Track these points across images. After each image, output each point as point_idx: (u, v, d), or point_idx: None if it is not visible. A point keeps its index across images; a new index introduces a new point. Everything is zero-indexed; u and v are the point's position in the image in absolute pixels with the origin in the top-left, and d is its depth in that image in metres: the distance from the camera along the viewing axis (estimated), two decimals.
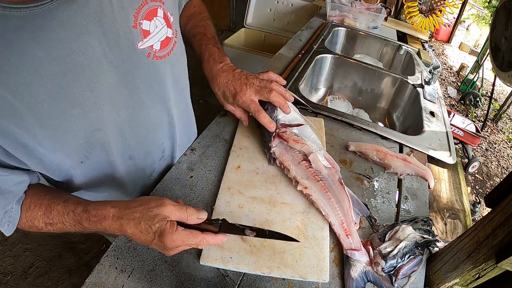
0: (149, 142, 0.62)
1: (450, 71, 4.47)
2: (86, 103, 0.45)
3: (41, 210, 0.48)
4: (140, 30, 0.48)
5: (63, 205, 0.48)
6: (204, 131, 0.78)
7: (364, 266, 0.53)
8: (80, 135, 0.48)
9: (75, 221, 0.47)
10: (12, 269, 1.50)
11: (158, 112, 0.60)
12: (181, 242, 0.44)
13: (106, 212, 0.46)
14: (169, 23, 0.54)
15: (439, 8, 1.56)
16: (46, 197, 0.49)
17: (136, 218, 0.44)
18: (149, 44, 0.50)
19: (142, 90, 0.53)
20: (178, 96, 0.65)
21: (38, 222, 0.48)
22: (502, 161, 3.06)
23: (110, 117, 0.50)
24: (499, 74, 0.66)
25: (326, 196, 0.59)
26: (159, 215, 0.43)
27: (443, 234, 0.70)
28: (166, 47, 0.54)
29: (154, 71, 0.53)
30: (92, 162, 0.53)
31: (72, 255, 1.59)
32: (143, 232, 0.44)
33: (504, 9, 0.68)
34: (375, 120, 1.24)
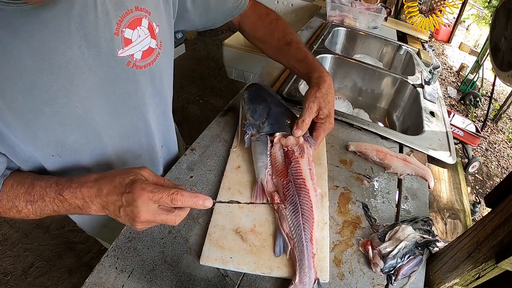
0: (125, 150, 0.61)
1: (450, 71, 4.47)
2: (58, 103, 0.46)
3: (24, 187, 0.48)
4: (121, 38, 0.48)
5: (46, 180, 0.48)
6: (204, 131, 0.78)
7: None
8: (50, 133, 0.48)
9: (56, 192, 0.47)
10: (12, 269, 1.50)
11: (134, 120, 0.59)
12: (150, 192, 0.42)
13: (88, 177, 0.47)
14: (153, 33, 0.53)
15: (439, 8, 1.56)
16: (29, 177, 0.50)
17: (113, 174, 0.45)
18: (130, 53, 0.50)
19: (119, 96, 0.53)
20: (158, 106, 0.63)
21: (19, 201, 0.48)
22: (502, 161, 3.06)
23: (84, 119, 0.50)
24: (499, 74, 0.66)
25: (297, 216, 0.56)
26: (136, 172, 0.45)
27: (443, 234, 0.70)
28: (147, 57, 0.53)
29: (132, 80, 0.53)
30: (64, 161, 0.54)
31: (72, 255, 1.59)
32: (116, 187, 0.44)
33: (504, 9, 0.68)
34: (375, 120, 1.24)
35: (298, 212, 0.54)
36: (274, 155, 0.64)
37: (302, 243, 0.51)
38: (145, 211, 0.42)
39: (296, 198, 0.56)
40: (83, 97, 0.48)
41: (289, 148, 0.63)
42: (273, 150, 0.65)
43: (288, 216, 0.55)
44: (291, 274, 0.51)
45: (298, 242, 0.51)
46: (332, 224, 0.60)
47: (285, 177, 0.60)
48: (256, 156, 0.66)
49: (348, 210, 0.64)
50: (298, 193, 0.57)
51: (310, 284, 0.48)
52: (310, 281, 0.48)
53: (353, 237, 0.59)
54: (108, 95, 0.51)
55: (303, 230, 0.52)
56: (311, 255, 0.50)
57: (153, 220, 0.44)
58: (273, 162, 0.63)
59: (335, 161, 0.75)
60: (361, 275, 0.54)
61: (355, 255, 0.56)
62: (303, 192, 0.57)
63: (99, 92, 0.50)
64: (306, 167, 0.61)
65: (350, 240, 0.58)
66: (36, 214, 0.49)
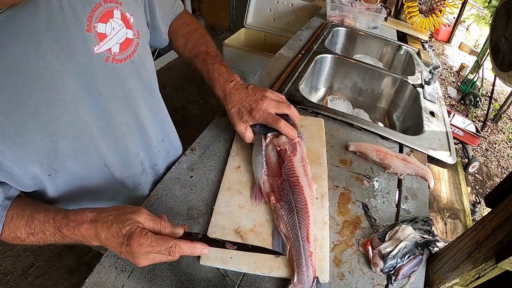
0: (120, 148, 0.60)
1: (450, 71, 4.47)
2: (44, 114, 0.45)
3: (24, 220, 0.48)
4: (95, 34, 0.47)
5: (44, 214, 0.47)
6: (204, 131, 0.78)
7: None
8: (41, 147, 0.47)
9: (55, 228, 0.46)
10: (12, 269, 1.50)
11: (125, 118, 0.58)
12: (149, 246, 0.41)
13: (84, 216, 0.45)
14: (128, 23, 0.51)
15: (439, 8, 1.56)
16: (28, 208, 0.49)
17: (110, 221, 0.44)
18: (107, 48, 0.49)
19: (105, 95, 0.52)
20: (148, 100, 0.63)
21: (21, 232, 0.48)
22: (502, 161, 3.06)
23: (74, 125, 0.49)
24: (499, 74, 0.66)
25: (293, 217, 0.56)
26: (132, 219, 0.43)
27: (443, 234, 0.70)
28: (126, 49, 0.52)
29: (115, 75, 0.52)
30: (62, 174, 0.52)
31: (72, 255, 1.59)
32: (114, 236, 0.43)
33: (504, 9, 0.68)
34: (375, 120, 1.24)
35: (293, 211, 0.55)
36: (268, 155, 0.65)
37: (298, 242, 0.51)
38: (144, 260, 0.43)
39: (291, 197, 0.56)
40: (68, 103, 0.47)
41: (281, 147, 0.64)
42: (267, 151, 0.65)
43: (284, 216, 0.55)
44: (291, 274, 0.51)
45: (295, 241, 0.52)
46: (332, 224, 0.60)
47: (279, 176, 0.60)
48: (254, 156, 0.66)
49: (348, 210, 0.64)
50: (292, 191, 0.57)
51: (308, 283, 0.48)
52: (309, 280, 0.48)
53: (353, 237, 0.59)
54: (94, 96, 0.50)
55: (299, 229, 0.52)
56: (308, 254, 0.50)
57: (154, 263, 0.45)
58: (268, 163, 0.64)
59: (335, 161, 0.75)
60: (361, 275, 0.54)
61: (355, 255, 0.56)
62: (297, 190, 0.57)
63: (84, 94, 0.49)
64: (299, 164, 0.61)
65: (350, 240, 0.58)
66: (40, 243, 0.49)
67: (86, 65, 0.47)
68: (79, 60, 0.46)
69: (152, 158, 0.69)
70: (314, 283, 0.48)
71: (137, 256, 0.42)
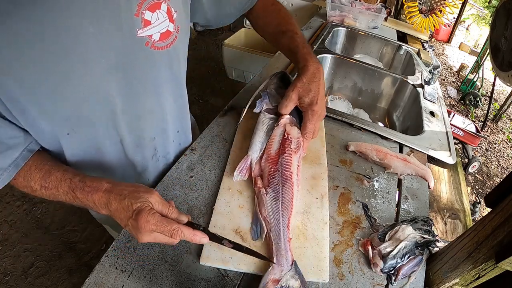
0: (138, 130, 0.63)
1: (450, 71, 4.47)
2: (78, 77, 0.48)
3: (41, 173, 0.52)
4: (141, 19, 0.51)
5: (62, 173, 0.52)
6: (204, 131, 0.78)
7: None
8: (68, 104, 0.50)
9: (70, 188, 0.50)
10: (12, 269, 1.50)
11: (150, 101, 0.61)
12: (154, 225, 0.44)
13: (100, 185, 0.49)
14: (171, 18, 0.56)
15: (439, 8, 1.56)
16: (48, 163, 0.53)
17: (123, 194, 0.47)
18: (149, 34, 0.53)
19: (136, 76, 0.55)
20: (174, 91, 0.66)
21: (35, 183, 0.52)
22: (502, 161, 3.06)
23: (101, 95, 0.52)
24: (499, 74, 0.66)
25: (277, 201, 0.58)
26: (144, 198, 0.46)
27: (443, 234, 0.70)
28: (165, 39, 0.56)
29: (150, 59, 0.55)
30: (79, 137, 0.56)
31: (72, 255, 1.59)
32: (124, 209, 0.46)
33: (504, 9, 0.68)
34: (375, 120, 1.24)
35: (278, 200, 0.57)
36: (272, 137, 0.66)
37: (279, 227, 0.53)
38: (146, 237, 0.45)
39: (280, 187, 0.58)
40: (102, 73, 0.50)
41: (288, 137, 0.65)
42: (274, 132, 0.67)
43: (268, 202, 0.57)
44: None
45: (276, 226, 0.54)
46: (332, 224, 0.60)
47: (275, 165, 0.62)
48: (257, 131, 0.68)
49: (348, 210, 0.64)
50: (282, 183, 0.59)
51: (287, 265, 0.49)
52: (288, 263, 0.50)
53: (353, 237, 0.59)
54: (126, 73, 0.54)
55: (281, 216, 0.55)
56: (287, 239, 0.52)
57: (154, 241, 0.47)
58: (268, 146, 0.65)
59: (335, 161, 0.75)
60: (361, 275, 0.54)
61: (355, 255, 0.56)
62: (287, 184, 0.59)
63: (118, 69, 0.52)
64: (296, 163, 0.63)
65: (350, 240, 0.58)
66: (49, 198, 0.53)
67: (127, 44, 0.51)
68: (122, 39, 0.50)
69: (166, 147, 0.71)
70: (293, 266, 0.50)
71: (141, 232, 0.44)
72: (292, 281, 0.48)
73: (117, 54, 0.50)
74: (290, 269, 0.49)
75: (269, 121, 0.70)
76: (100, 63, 0.49)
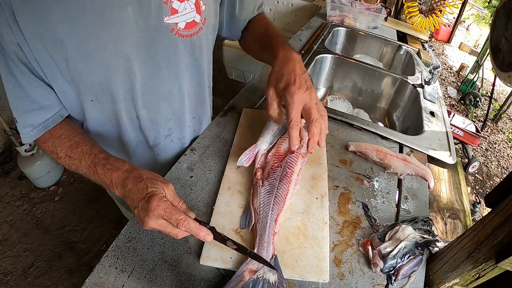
0: (156, 110, 0.66)
1: (450, 71, 4.47)
2: (108, 50, 0.53)
3: (69, 143, 0.56)
4: (169, 7, 0.55)
5: (89, 147, 0.56)
6: (204, 131, 0.78)
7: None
8: (95, 75, 0.54)
9: (92, 162, 0.53)
10: (12, 269, 1.50)
11: (170, 85, 0.64)
12: (163, 210, 0.45)
13: (122, 165, 0.52)
14: (199, 9, 0.59)
15: (439, 8, 1.56)
16: (77, 136, 0.58)
17: (141, 177, 0.49)
18: (175, 22, 0.57)
19: (160, 59, 0.59)
20: (194, 78, 0.69)
21: (61, 150, 0.56)
22: (502, 161, 3.06)
23: (125, 72, 0.57)
24: (499, 75, 0.66)
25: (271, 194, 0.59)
26: (159, 185, 0.48)
27: (443, 234, 0.70)
28: (190, 29, 0.59)
29: (174, 45, 0.59)
30: (101, 106, 0.60)
31: (72, 255, 1.59)
32: (138, 190, 0.48)
33: (504, 9, 0.68)
34: (375, 120, 1.24)
35: (272, 194, 0.58)
36: (285, 136, 0.66)
37: (266, 220, 0.54)
38: (153, 221, 0.46)
39: (277, 183, 0.59)
40: (130, 51, 0.55)
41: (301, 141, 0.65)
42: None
43: (261, 193, 0.58)
44: (290, 274, 0.51)
45: (263, 218, 0.55)
46: (332, 224, 0.60)
47: (279, 161, 0.63)
48: (271, 125, 0.68)
49: (348, 210, 0.64)
50: (281, 179, 0.60)
51: (267, 257, 0.50)
52: (268, 255, 0.50)
53: (353, 237, 0.59)
54: (151, 54, 0.58)
55: (271, 209, 0.56)
56: (272, 233, 0.53)
57: (158, 229, 0.47)
58: (279, 142, 0.66)
59: (335, 161, 0.75)
60: (361, 275, 0.54)
61: (355, 255, 0.56)
62: (285, 180, 0.60)
63: (144, 50, 0.56)
64: (299, 165, 0.64)
65: (350, 240, 0.58)
66: (71, 168, 0.57)
67: (154, 28, 0.55)
68: (150, 22, 0.54)
69: (182, 130, 0.74)
70: (272, 260, 0.50)
71: (149, 215, 0.45)
72: (269, 274, 0.48)
73: (144, 36, 0.55)
74: (269, 261, 0.49)
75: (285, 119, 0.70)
76: (130, 41, 0.54)
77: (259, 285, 0.46)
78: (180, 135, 0.74)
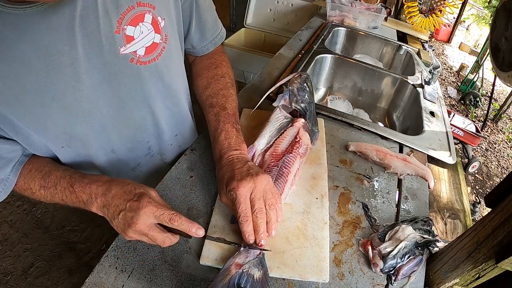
0: (132, 139, 0.64)
1: (450, 71, 4.47)
2: (66, 99, 0.49)
3: (41, 174, 0.53)
4: (123, 36, 0.49)
5: (62, 172, 0.53)
6: (204, 131, 0.78)
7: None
8: (59, 125, 0.51)
9: (68, 183, 0.51)
10: (12, 269, 1.50)
11: (141, 113, 0.61)
12: (155, 207, 0.45)
13: (101, 177, 0.51)
14: (158, 28, 0.54)
15: (439, 8, 1.56)
16: (48, 165, 0.55)
17: (126, 182, 0.49)
18: (133, 50, 0.51)
19: (125, 92, 0.55)
20: (166, 100, 0.64)
21: (34, 184, 0.53)
22: (502, 161, 3.06)
23: (90, 113, 0.53)
24: (499, 75, 0.66)
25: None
26: (146, 189, 0.48)
27: (443, 234, 0.70)
28: (151, 53, 0.54)
29: (137, 75, 0.54)
30: (73, 150, 0.57)
31: (72, 255, 1.59)
32: (125, 192, 0.47)
33: (504, 9, 0.68)
34: (375, 120, 1.24)
35: None
36: (284, 135, 0.67)
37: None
38: (143, 222, 0.45)
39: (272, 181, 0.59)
40: (90, 93, 0.51)
41: (300, 141, 0.66)
42: (287, 132, 0.67)
43: None
44: (290, 274, 0.51)
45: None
46: (332, 224, 0.60)
47: (277, 160, 0.63)
48: (269, 125, 0.68)
49: (348, 210, 0.64)
50: (277, 177, 0.60)
51: (254, 253, 0.50)
52: (255, 251, 0.50)
53: (353, 237, 0.59)
54: (114, 90, 0.53)
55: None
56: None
57: (146, 233, 0.46)
58: (277, 142, 0.66)
59: (335, 161, 0.75)
60: (361, 275, 0.54)
61: (355, 255, 0.56)
62: (281, 179, 0.60)
63: (105, 88, 0.52)
64: (297, 165, 0.64)
65: (350, 240, 0.58)
66: (46, 199, 0.54)
67: (110, 63, 0.50)
68: (105, 58, 0.49)
69: (162, 149, 0.72)
70: (259, 256, 0.50)
71: (138, 213, 0.44)
72: (254, 270, 0.48)
73: (103, 73, 0.50)
74: (256, 258, 0.50)
75: (283, 119, 0.70)
76: (88, 83, 0.49)
77: (243, 279, 0.47)
78: (159, 151, 0.71)
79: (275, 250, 0.53)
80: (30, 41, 0.42)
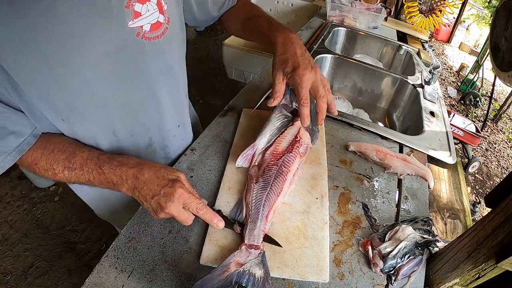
0: (132, 120, 0.63)
1: (450, 71, 4.47)
2: (70, 66, 0.49)
3: (65, 154, 0.54)
4: (131, 11, 0.52)
5: (88, 152, 0.55)
6: (204, 131, 0.78)
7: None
8: (60, 94, 0.51)
9: (96, 165, 0.53)
10: (12, 269, 1.50)
11: (142, 92, 0.61)
12: (186, 195, 0.49)
13: (130, 159, 0.53)
14: (162, 9, 0.57)
15: (439, 8, 1.56)
16: (71, 145, 0.56)
17: (158, 166, 0.52)
18: (139, 25, 0.54)
19: (128, 66, 0.56)
20: (167, 83, 0.65)
21: (58, 165, 0.54)
22: (502, 161, 3.06)
23: (92, 86, 0.53)
24: (499, 74, 0.66)
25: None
26: (178, 173, 0.52)
27: (443, 234, 0.70)
28: (156, 30, 0.57)
29: (141, 50, 0.56)
30: (72, 125, 0.57)
31: (72, 255, 1.59)
32: (159, 178, 0.51)
33: (504, 9, 0.68)
34: (375, 120, 1.24)
35: (265, 190, 0.58)
36: (285, 135, 0.67)
37: (257, 216, 0.55)
38: (175, 207, 0.49)
39: (271, 180, 0.60)
40: (94, 63, 0.51)
41: (300, 140, 0.66)
42: (288, 131, 0.67)
43: (255, 190, 0.59)
44: (290, 274, 0.51)
45: (255, 214, 0.55)
46: (332, 224, 0.60)
47: (276, 159, 0.63)
48: (269, 124, 0.68)
49: (348, 210, 0.64)
50: (276, 176, 0.60)
51: (255, 252, 0.50)
52: (256, 251, 0.51)
53: (353, 237, 0.59)
54: (118, 63, 0.55)
55: (263, 206, 0.56)
56: (262, 229, 0.54)
57: (176, 216, 0.50)
58: (277, 141, 0.66)
59: (335, 161, 0.75)
60: (361, 275, 0.54)
61: (355, 255, 0.56)
62: (280, 178, 0.60)
63: (110, 59, 0.53)
64: (296, 165, 0.64)
65: (350, 240, 0.58)
66: (70, 180, 0.55)
67: (118, 35, 0.52)
68: (113, 30, 0.51)
69: (164, 140, 0.72)
70: (260, 255, 0.50)
71: (172, 200, 0.48)
72: (255, 269, 0.48)
73: (109, 45, 0.52)
74: (257, 257, 0.50)
75: (283, 118, 0.71)
76: (94, 53, 0.51)
77: (245, 278, 0.47)
78: (161, 144, 0.71)
79: (275, 250, 0.53)
80: (45, 8, 0.44)
